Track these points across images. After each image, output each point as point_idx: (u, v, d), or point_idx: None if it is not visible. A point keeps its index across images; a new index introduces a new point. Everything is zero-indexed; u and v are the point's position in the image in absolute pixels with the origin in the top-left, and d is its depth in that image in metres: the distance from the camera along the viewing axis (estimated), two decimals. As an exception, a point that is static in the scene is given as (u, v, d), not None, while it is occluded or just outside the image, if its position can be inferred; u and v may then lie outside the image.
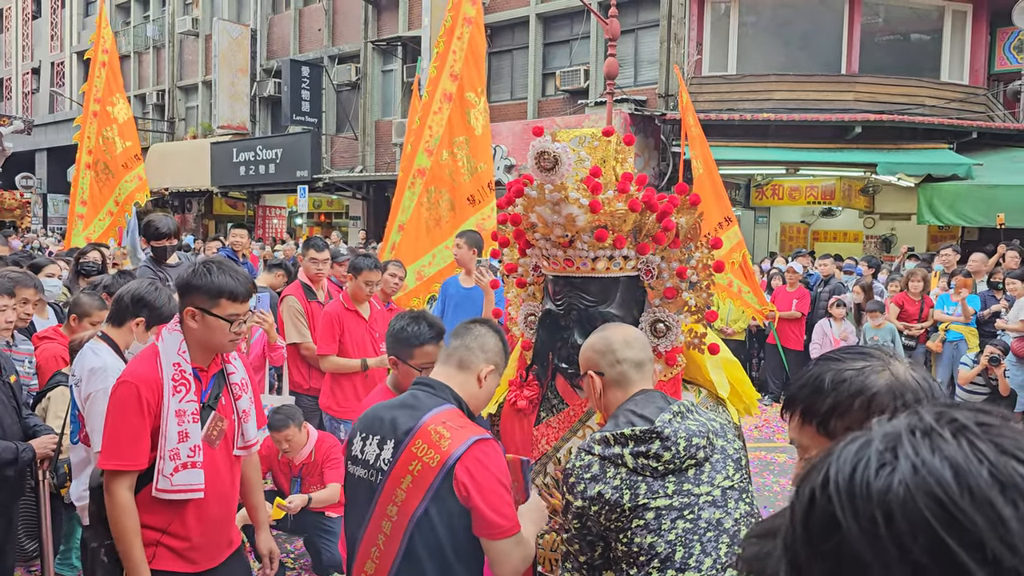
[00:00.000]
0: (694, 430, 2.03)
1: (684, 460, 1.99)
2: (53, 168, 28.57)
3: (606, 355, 2.14)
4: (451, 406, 2.21)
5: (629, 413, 2.06)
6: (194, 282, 2.56)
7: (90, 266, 6.27)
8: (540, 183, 2.39)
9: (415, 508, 2.08)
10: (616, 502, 1.95)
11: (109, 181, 8.28)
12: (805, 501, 0.73)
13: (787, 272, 10.05)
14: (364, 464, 2.23)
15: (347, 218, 21.45)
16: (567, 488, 2.03)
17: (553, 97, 16.68)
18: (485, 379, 2.30)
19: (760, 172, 14.85)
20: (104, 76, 8.54)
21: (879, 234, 16.00)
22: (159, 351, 2.58)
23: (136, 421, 2.47)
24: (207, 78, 23.60)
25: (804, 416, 1.39)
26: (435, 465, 2.08)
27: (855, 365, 1.38)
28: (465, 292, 5.54)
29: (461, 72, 5.70)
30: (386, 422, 2.22)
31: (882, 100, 13.61)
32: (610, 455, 1.99)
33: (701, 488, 2.00)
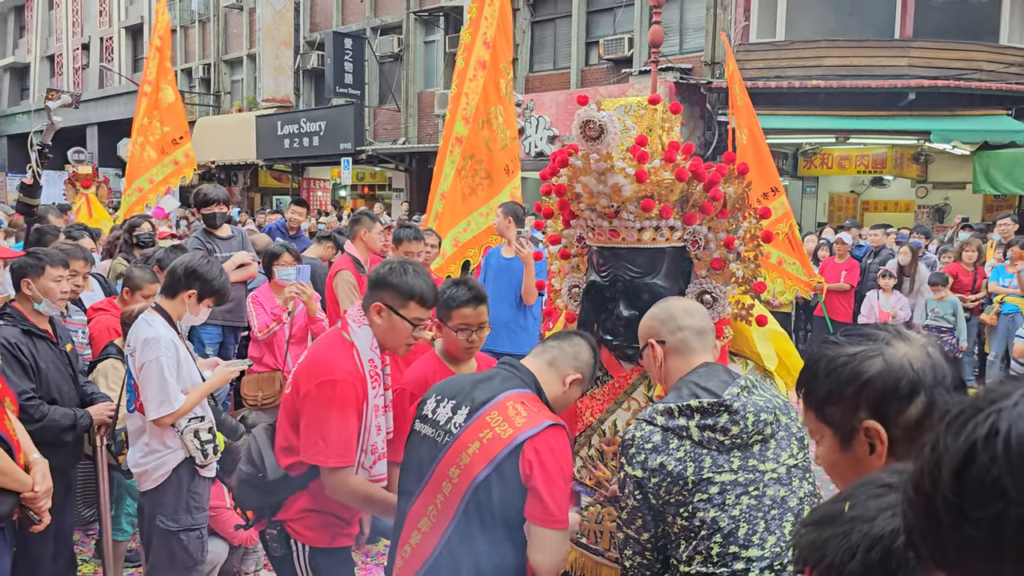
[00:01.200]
0: (761, 405, 2.00)
1: (751, 435, 1.97)
2: (104, 142, 29.13)
3: (667, 323, 2.12)
4: (530, 391, 2.23)
5: (693, 385, 2.03)
6: (389, 279, 2.56)
7: (146, 238, 6.41)
8: (585, 152, 2.36)
9: (477, 474, 2.09)
10: (679, 475, 1.93)
11: (146, 162, 8.40)
12: (960, 454, 0.61)
13: (836, 243, 9.85)
14: (433, 424, 2.25)
15: (390, 190, 21.55)
16: (626, 459, 2.01)
17: (596, 66, 16.46)
18: (568, 385, 2.30)
19: (809, 141, 14.52)
20: (157, 61, 8.67)
21: (932, 204, 15.58)
22: (355, 345, 2.56)
23: (355, 420, 2.49)
24: (251, 51, 23.78)
25: (806, 401, 1.38)
26: (506, 437, 2.09)
27: (850, 350, 1.34)
28: (505, 263, 5.54)
29: (494, 40, 5.65)
30: (465, 389, 2.25)
31: (937, 65, 13.16)
32: (674, 427, 1.97)
33: (767, 465, 1.97)
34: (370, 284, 2.61)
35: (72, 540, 4.17)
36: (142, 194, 8.40)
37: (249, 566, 4.51)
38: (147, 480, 3.38)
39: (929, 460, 0.64)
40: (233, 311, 5.65)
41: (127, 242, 6.39)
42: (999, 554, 0.57)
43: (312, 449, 2.47)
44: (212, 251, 5.61)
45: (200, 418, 3.43)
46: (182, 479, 3.38)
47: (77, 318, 4.59)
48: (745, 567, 1.88)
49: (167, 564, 3.42)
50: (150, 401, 3.26)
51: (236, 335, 5.95)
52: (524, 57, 17.58)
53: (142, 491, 3.45)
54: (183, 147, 8.59)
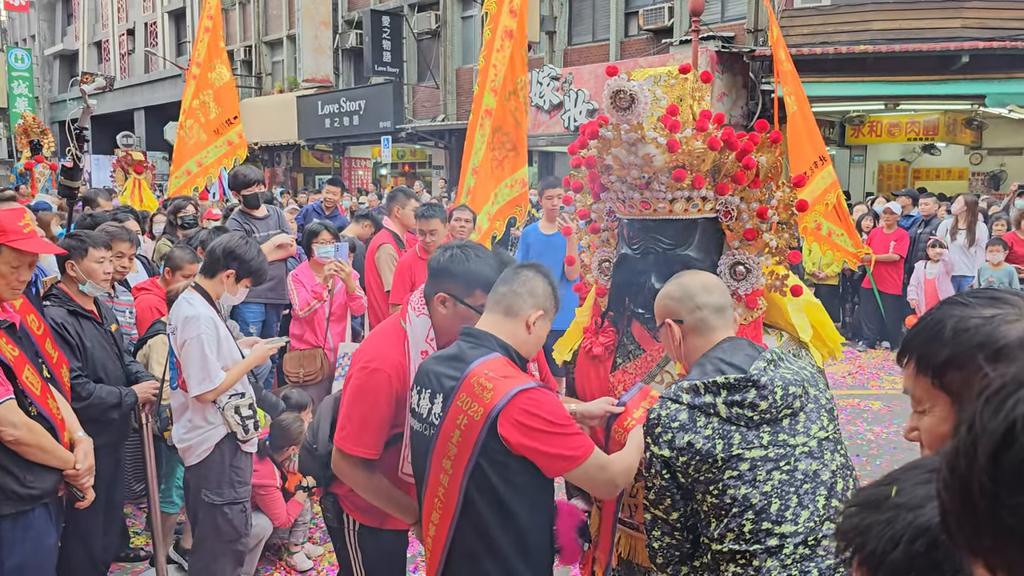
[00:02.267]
0: (789, 379, 1.96)
1: (780, 410, 1.92)
2: (151, 126, 29.65)
3: (685, 301, 2.08)
4: (496, 355, 2.18)
5: (718, 361, 1.99)
6: (452, 268, 2.46)
7: (190, 220, 6.53)
8: (616, 123, 2.32)
9: (466, 463, 2.08)
10: (708, 452, 1.89)
11: (196, 143, 8.36)
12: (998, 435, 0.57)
13: (884, 213, 9.61)
14: (420, 418, 2.25)
15: (430, 167, 21.61)
16: (651, 438, 1.97)
17: (636, 37, 16.21)
18: (534, 324, 2.24)
19: (856, 108, 14.13)
20: (207, 42, 8.65)
21: (987, 171, 15.08)
22: (407, 335, 2.49)
23: (384, 411, 2.42)
24: (291, 32, 23.94)
25: (919, 365, 1.25)
26: (479, 419, 2.07)
27: (984, 312, 1.20)
28: (546, 239, 5.52)
29: (520, 7, 5.56)
30: (433, 376, 2.22)
31: (993, 25, 12.66)
32: (700, 404, 1.93)
33: (797, 439, 1.93)
34: (432, 273, 2.52)
35: (123, 513, 4.31)
36: (190, 177, 8.38)
37: (298, 538, 4.61)
38: (191, 455, 3.46)
39: (966, 439, 0.60)
40: (275, 289, 5.74)
41: (171, 223, 6.51)
42: None
43: (340, 432, 2.45)
44: (250, 231, 5.70)
45: (241, 394, 3.49)
46: (225, 454, 3.46)
47: (124, 299, 4.70)
48: (779, 543, 1.84)
49: (212, 536, 3.51)
50: (192, 378, 3.33)
51: (278, 313, 6.05)
52: (562, 30, 17.38)
53: (187, 466, 3.53)
54: (236, 128, 8.55)
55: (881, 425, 6.78)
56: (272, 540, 4.48)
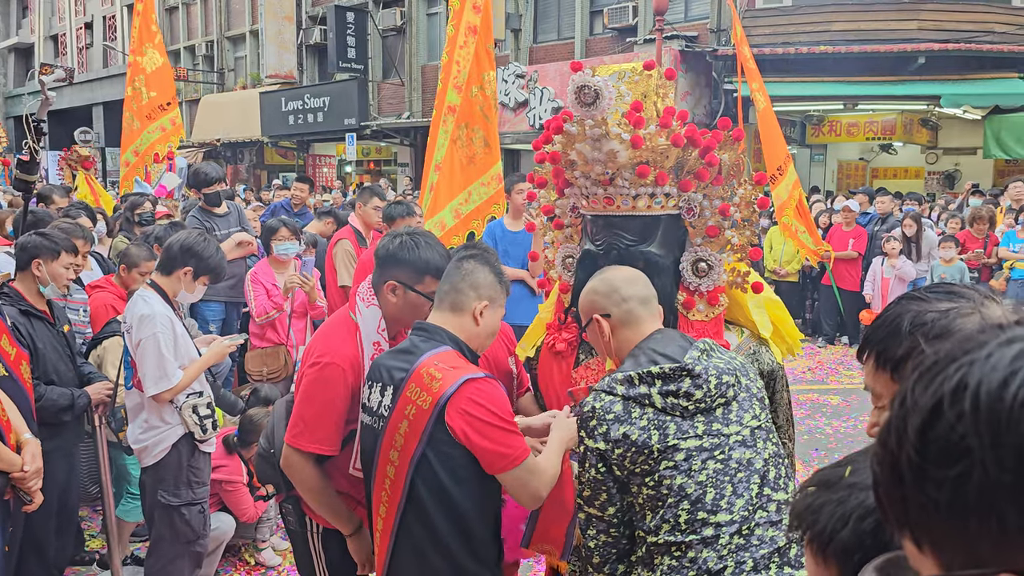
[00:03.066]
0: (722, 368, 1.97)
1: (715, 399, 1.93)
2: (110, 122, 29.07)
3: (611, 295, 2.08)
4: (447, 348, 2.18)
5: (651, 352, 1.99)
6: (400, 255, 2.43)
7: (147, 217, 6.40)
8: (580, 119, 2.31)
9: (413, 452, 2.08)
10: (644, 443, 1.89)
11: (132, 132, 8.09)
12: (925, 410, 0.57)
13: (843, 211, 9.76)
14: (370, 412, 2.24)
15: (395, 165, 21.48)
16: (586, 432, 1.96)
17: (601, 36, 16.27)
18: (481, 316, 2.25)
19: (816, 108, 14.34)
20: (138, 26, 8.32)
21: (942, 170, 15.41)
22: (358, 327, 2.43)
23: (340, 406, 2.36)
24: (254, 27, 23.63)
25: (879, 360, 1.27)
26: (427, 407, 2.06)
27: (940, 306, 1.23)
28: (512, 235, 5.50)
29: (485, 3, 5.53)
30: (384, 370, 2.21)
31: (947, 28, 12.94)
32: (635, 395, 1.92)
33: (731, 428, 1.93)
34: (379, 261, 2.48)
35: (77, 517, 4.20)
36: (130, 168, 8.09)
37: (264, 534, 4.55)
38: (147, 456, 3.39)
39: (897, 414, 0.61)
40: (235, 287, 5.66)
41: (128, 220, 6.39)
42: (961, 517, 0.55)
43: (293, 430, 2.39)
44: (210, 229, 5.61)
45: (198, 393, 3.43)
46: (182, 454, 3.40)
47: (79, 296, 4.59)
48: (715, 533, 1.85)
49: (170, 538, 3.45)
50: (147, 377, 3.27)
51: (238, 311, 5.97)
52: (527, 28, 17.39)
53: (143, 467, 3.46)
54: (170, 113, 8.20)
55: (840, 419, 6.88)
56: (233, 541, 4.41)
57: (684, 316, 2.38)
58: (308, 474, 2.40)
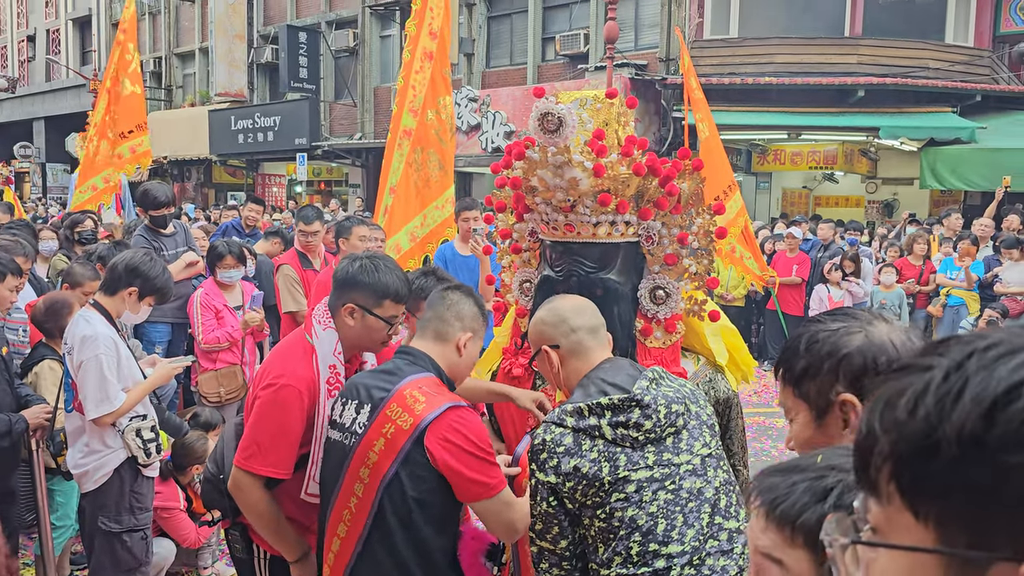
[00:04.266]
0: (672, 396, 1.97)
1: (664, 428, 1.93)
2: (51, 137, 28.31)
3: (559, 326, 2.08)
4: (429, 374, 2.19)
5: (600, 382, 1.98)
6: (360, 278, 2.41)
7: (88, 235, 6.23)
8: (543, 145, 2.32)
9: (386, 471, 2.05)
10: (595, 476, 1.88)
11: (104, 159, 8.13)
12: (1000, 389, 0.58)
13: (787, 237, 9.99)
14: (340, 428, 2.21)
15: (347, 186, 21.33)
16: (536, 464, 1.94)
17: (553, 62, 16.46)
18: (464, 347, 2.27)
19: (762, 137, 14.70)
20: (119, 54, 8.41)
21: (881, 199, 15.90)
22: (315, 349, 2.39)
23: (296, 428, 2.31)
24: (204, 45, 23.31)
25: (784, 378, 1.39)
26: (407, 428, 2.05)
27: (831, 326, 1.36)
28: (462, 259, 5.51)
29: (441, 29, 5.57)
30: (363, 388, 2.20)
31: (885, 63, 13.42)
32: (585, 427, 1.91)
33: (681, 457, 1.93)
34: (337, 284, 2.45)
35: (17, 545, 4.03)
36: (96, 192, 8.12)
37: (206, 560, 4.42)
38: (88, 481, 3.28)
39: (940, 384, 0.60)
40: (182, 308, 5.53)
41: (68, 239, 6.21)
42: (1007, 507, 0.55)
43: (245, 452, 2.33)
44: (158, 249, 5.49)
45: (142, 416, 3.34)
46: (124, 479, 3.30)
47: (18, 316, 4.43)
48: (666, 564, 1.85)
49: (110, 566, 3.34)
50: (89, 400, 3.17)
51: (185, 332, 5.83)
52: (480, 52, 17.51)
53: (83, 492, 3.35)
54: (131, 141, 8.28)
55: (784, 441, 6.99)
56: (175, 568, 4.28)
57: (642, 343, 2.40)
58: (257, 498, 2.34)
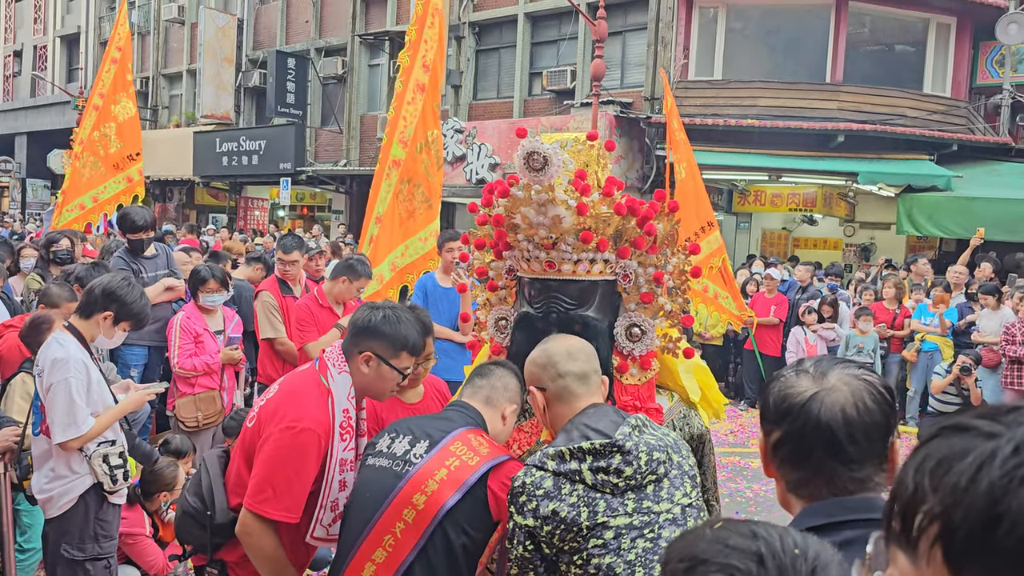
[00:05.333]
0: (654, 444, 1.97)
1: (645, 476, 1.92)
2: (33, 152, 28.16)
3: (547, 369, 2.10)
4: (483, 429, 2.29)
5: (583, 427, 1.99)
6: (381, 328, 2.44)
7: (63, 254, 6.18)
8: (527, 183, 2.35)
9: (446, 500, 2.08)
10: (573, 521, 1.87)
11: (93, 177, 8.02)
12: None
13: (765, 278, 10.09)
14: (390, 456, 2.22)
15: (330, 212, 21.33)
16: (515, 507, 1.94)
17: (539, 97, 16.65)
18: (507, 416, 2.37)
19: (743, 178, 14.90)
20: (113, 73, 8.35)
21: (859, 243, 16.11)
22: (332, 393, 2.40)
23: (312, 473, 2.32)
24: (192, 66, 23.38)
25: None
26: (473, 464, 2.12)
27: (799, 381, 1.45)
28: (443, 291, 5.51)
29: (434, 63, 5.62)
30: (418, 427, 2.28)
31: (865, 110, 13.70)
32: (566, 471, 1.91)
33: (661, 505, 1.93)
34: (357, 331, 2.47)
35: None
36: (84, 212, 8.00)
37: (171, 592, 4.34)
38: (52, 507, 3.22)
39: (1010, 456, 0.63)
40: (160, 331, 5.48)
41: (43, 258, 6.15)
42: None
43: (259, 496, 2.31)
44: (137, 272, 5.45)
45: (111, 442, 3.29)
46: (89, 506, 3.24)
47: (-13, 334, 4.38)
48: None
49: (72, 596, 3.26)
50: (56, 424, 3.12)
51: (161, 356, 5.77)
52: (468, 85, 17.68)
53: (47, 518, 3.29)
54: (137, 164, 8.27)
55: (760, 483, 7.00)
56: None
57: (618, 379, 2.42)
58: (268, 541, 2.33)
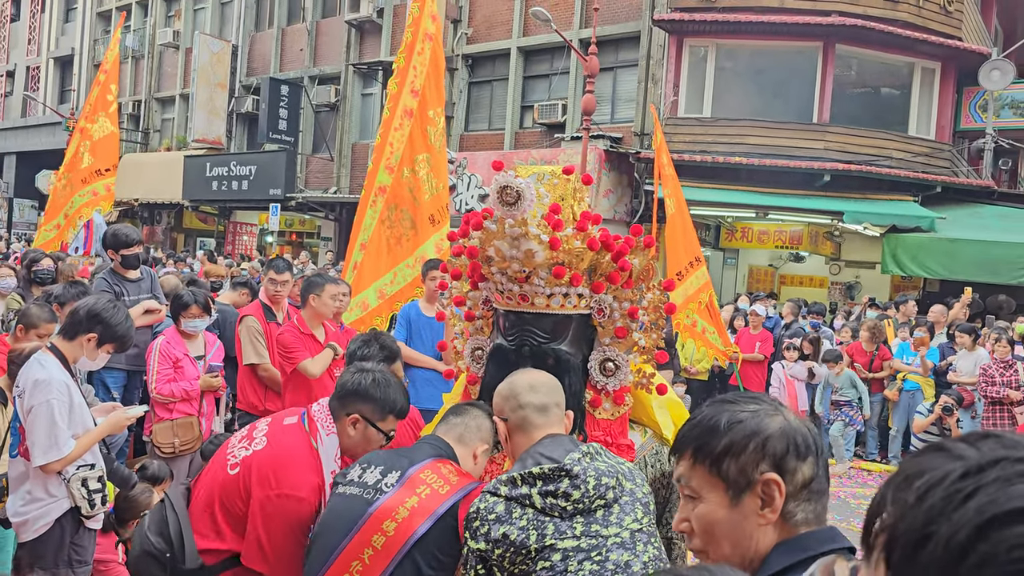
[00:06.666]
0: (603, 470, 2.01)
1: (593, 500, 1.97)
2: (22, 172, 28.13)
3: (509, 400, 2.15)
4: (455, 462, 2.32)
5: (537, 455, 2.04)
6: (370, 392, 2.52)
7: (44, 274, 6.16)
8: (501, 217, 2.39)
9: (416, 527, 2.12)
10: (522, 543, 1.91)
11: (65, 194, 8.07)
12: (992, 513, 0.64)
13: (750, 315, 10.16)
14: (361, 485, 2.26)
15: (319, 238, 21.36)
16: (469, 532, 1.98)
17: (530, 129, 16.82)
18: (479, 456, 2.41)
19: (730, 214, 15.05)
20: (96, 94, 8.46)
21: (844, 281, 16.25)
22: (320, 456, 2.47)
23: (305, 538, 2.36)
24: (185, 91, 23.50)
25: (697, 456, 1.40)
26: (444, 493, 2.16)
27: (749, 408, 1.40)
28: (426, 319, 5.52)
29: (423, 88, 5.68)
30: (387, 457, 2.31)
31: (851, 150, 13.90)
32: (517, 495, 1.96)
33: (610, 530, 1.96)
34: (346, 392, 2.53)
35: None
36: (60, 230, 8.05)
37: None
38: (27, 530, 3.20)
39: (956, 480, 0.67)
40: (140, 356, 5.46)
41: (25, 278, 6.14)
42: None
43: (256, 556, 2.37)
44: (120, 294, 5.45)
45: (90, 466, 3.28)
46: (65, 530, 3.22)
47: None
48: None
49: (42, 622, 3.23)
50: (36, 446, 3.11)
51: (140, 380, 5.75)
52: (460, 116, 17.85)
53: (21, 541, 3.26)
54: (106, 179, 8.25)
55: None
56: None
57: (591, 414, 2.44)
58: None
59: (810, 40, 14.12)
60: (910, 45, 13.98)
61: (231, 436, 2.81)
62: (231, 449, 2.56)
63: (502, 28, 17.20)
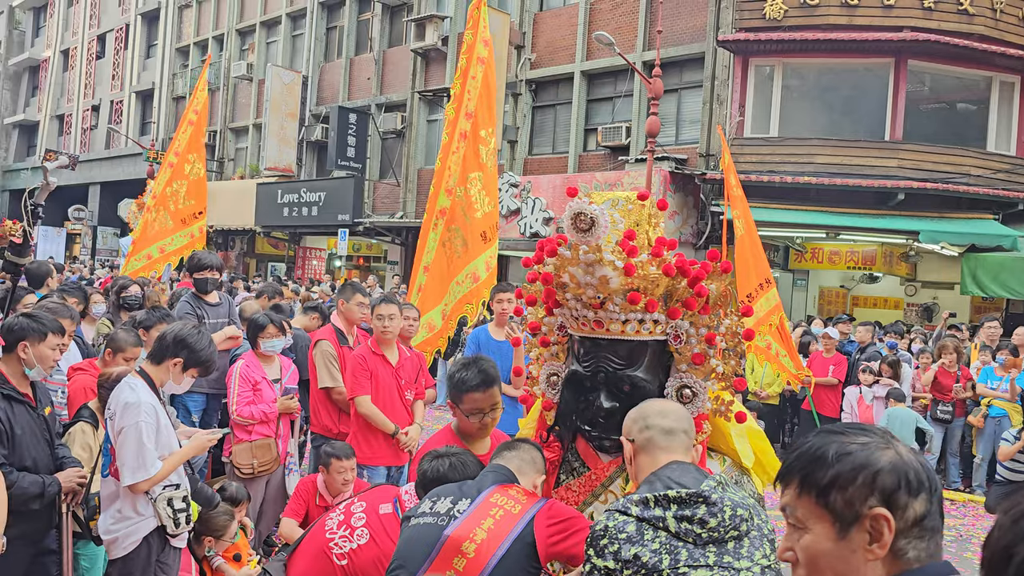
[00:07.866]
0: (737, 501, 1.99)
1: (728, 530, 1.94)
2: (105, 202, 29.43)
3: (637, 421, 2.16)
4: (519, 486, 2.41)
5: (667, 479, 2.02)
6: (451, 478, 2.66)
7: (132, 300, 6.41)
8: (575, 243, 2.40)
9: (497, 548, 2.20)
10: (654, 566, 1.88)
11: (162, 229, 8.55)
12: None
13: (823, 338, 9.91)
14: (434, 515, 2.34)
15: (385, 262, 21.72)
16: (595, 550, 1.95)
17: (594, 152, 16.83)
18: (537, 486, 2.48)
19: (800, 235, 14.75)
20: (189, 135, 8.93)
21: (920, 302, 15.72)
22: None
23: None
24: (258, 121, 24.29)
25: (803, 487, 1.37)
26: (517, 513, 2.23)
27: (859, 439, 1.37)
28: (496, 344, 5.54)
29: (475, 110, 5.78)
30: (458, 489, 2.41)
31: (926, 168, 13.50)
32: (650, 517, 1.93)
33: (741, 563, 1.93)
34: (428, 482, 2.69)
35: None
36: (150, 261, 8.53)
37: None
38: (117, 548, 3.32)
39: None
40: (219, 379, 5.62)
41: (114, 304, 6.40)
42: None
43: None
44: (200, 317, 5.63)
45: (176, 486, 3.39)
46: (152, 548, 3.33)
47: (57, 377, 4.54)
48: None
49: (130, 637, 3.33)
50: (125, 466, 3.23)
51: (220, 403, 5.91)
52: (524, 140, 17.99)
53: (111, 559, 3.38)
54: (200, 222, 8.84)
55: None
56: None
57: (668, 441, 2.42)
58: None
59: (881, 56, 13.83)
60: (987, 58, 13.56)
61: (326, 514, 3.08)
62: (331, 534, 2.84)
63: (565, 53, 17.31)
